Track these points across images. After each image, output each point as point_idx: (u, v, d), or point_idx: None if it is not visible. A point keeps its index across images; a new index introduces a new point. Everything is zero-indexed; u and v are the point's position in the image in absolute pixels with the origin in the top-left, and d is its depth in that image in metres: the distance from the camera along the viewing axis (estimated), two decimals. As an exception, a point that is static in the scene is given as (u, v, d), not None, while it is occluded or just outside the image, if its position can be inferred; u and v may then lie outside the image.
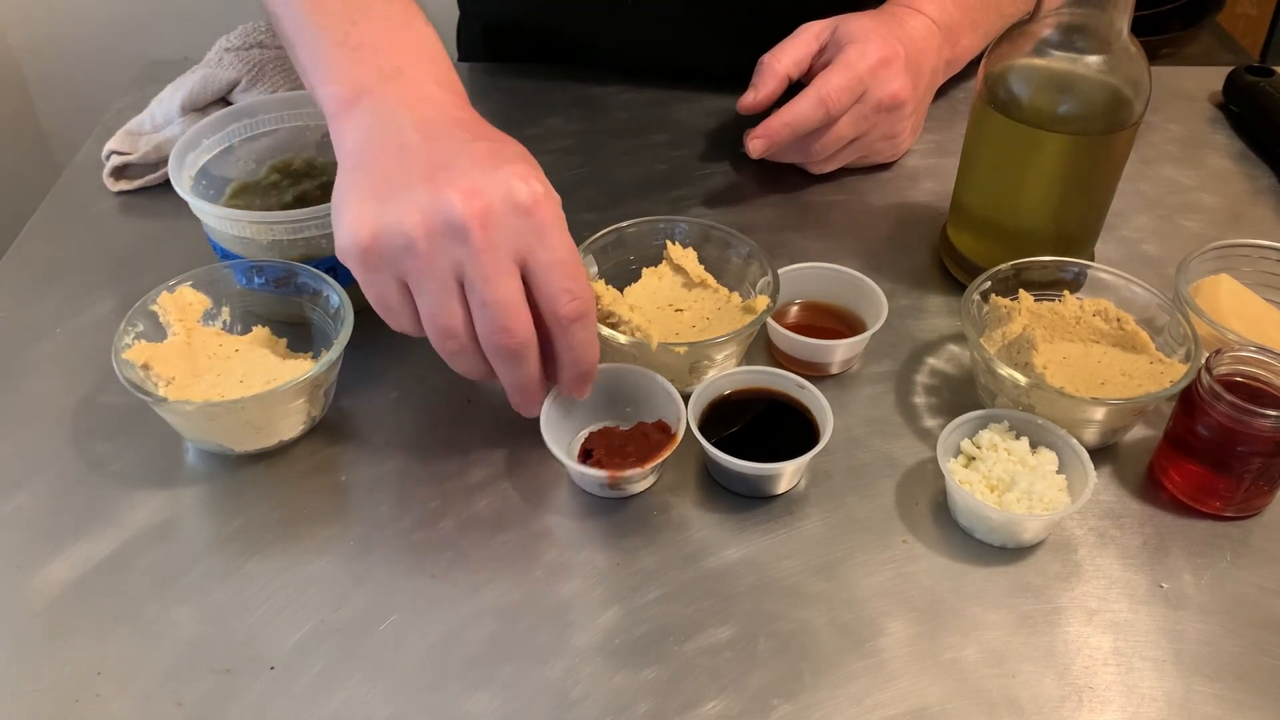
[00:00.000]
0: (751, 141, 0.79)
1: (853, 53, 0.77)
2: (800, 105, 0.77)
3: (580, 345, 0.57)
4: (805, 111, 0.77)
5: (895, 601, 0.57)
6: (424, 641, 0.55)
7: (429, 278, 0.54)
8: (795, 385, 0.63)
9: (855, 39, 0.78)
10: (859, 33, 0.78)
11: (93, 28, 1.48)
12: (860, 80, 0.77)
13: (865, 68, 0.77)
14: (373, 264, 0.54)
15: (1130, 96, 0.66)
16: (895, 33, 0.79)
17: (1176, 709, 0.52)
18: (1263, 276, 0.71)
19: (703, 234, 0.71)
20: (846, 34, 0.79)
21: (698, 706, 0.52)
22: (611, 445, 0.60)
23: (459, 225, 0.52)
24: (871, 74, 0.77)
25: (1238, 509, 0.61)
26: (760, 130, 0.78)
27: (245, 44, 0.86)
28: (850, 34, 0.78)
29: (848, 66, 0.77)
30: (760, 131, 0.78)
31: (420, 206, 0.53)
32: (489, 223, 0.53)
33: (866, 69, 0.77)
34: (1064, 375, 0.64)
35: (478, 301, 0.54)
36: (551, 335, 0.56)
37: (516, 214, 0.53)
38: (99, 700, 0.52)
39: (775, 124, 0.78)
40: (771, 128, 0.78)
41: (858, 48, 0.77)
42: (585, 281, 0.56)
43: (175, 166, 0.70)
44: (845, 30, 0.79)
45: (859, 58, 0.77)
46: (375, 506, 0.61)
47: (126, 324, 0.63)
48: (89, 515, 0.60)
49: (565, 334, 0.56)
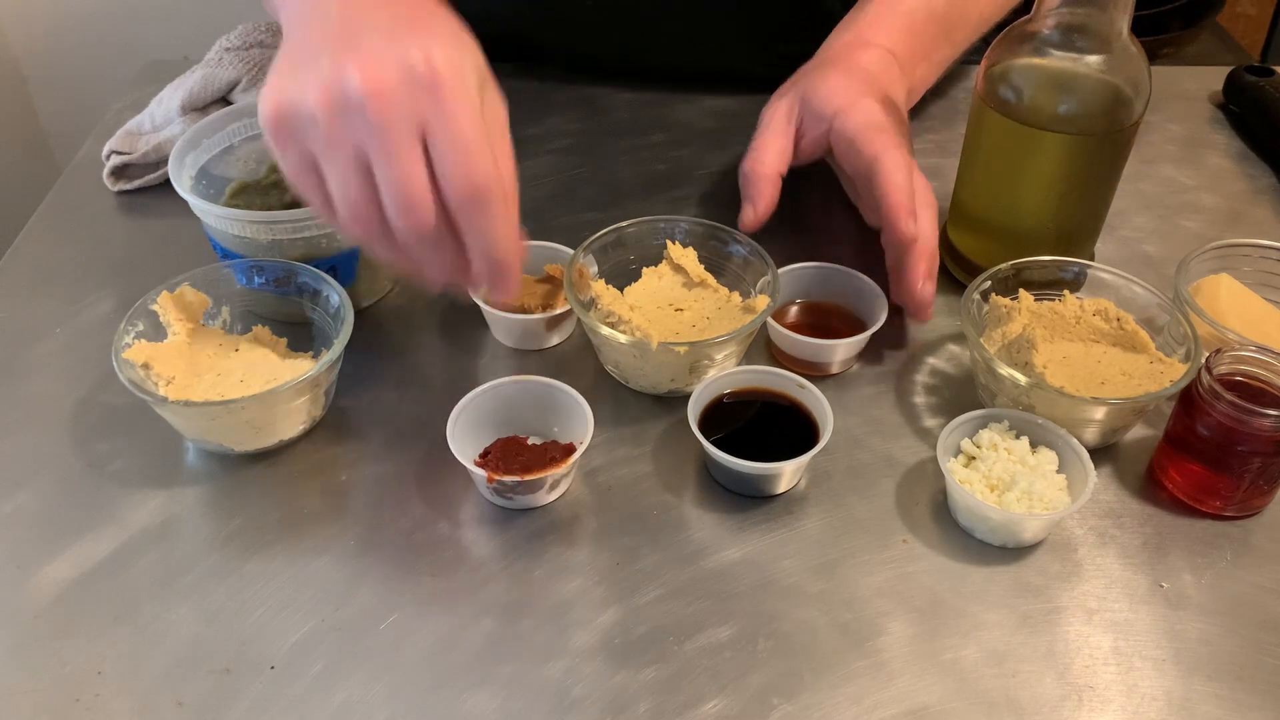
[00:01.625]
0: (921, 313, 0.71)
1: (880, 165, 0.69)
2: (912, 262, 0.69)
3: (480, 232, 0.52)
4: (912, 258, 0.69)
5: (895, 601, 0.57)
6: (424, 641, 0.55)
7: (332, 154, 0.51)
8: (795, 385, 0.63)
9: (835, 109, 0.71)
10: (829, 98, 0.72)
11: (93, 28, 1.48)
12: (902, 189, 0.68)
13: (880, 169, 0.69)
14: (282, 138, 0.52)
15: (1130, 96, 0.66)
16: (862, 84, 0.73)
17: (1176, 708, 0.52)
18: (1263, 276, 0.71)
19: (703, 234, 0.71)
20: (820, 103, 0.72)
21: (698, 706, 0.52)
22: (509, 453, 0.60)
23: (355, 99, 0.49)
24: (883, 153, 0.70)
25: (1238, 509, 0.61)
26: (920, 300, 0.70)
27: (245, 44, 0.86)
28: (822, 102, 0.72)
29: (888, 186, 0.68)
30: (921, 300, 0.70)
31: (322, 79, 0.50)
32: (384, 96, 0.49)
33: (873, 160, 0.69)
34: (1064, 375, 0.64)
35: (381, 180, 0.51)
36: (455, 221, 0.52)
37: (414, 86, 0.50)
38: (99, 700, 0.52)
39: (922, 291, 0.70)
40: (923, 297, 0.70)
41: (856, 138, 0.70)
42: (487, 161, 0.51)
43: (175, 166, 0.70)
44: (815, 99, 0.73)
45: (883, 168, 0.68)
46: (375, 506, 0.61)
47: (126, 324, 0.63)
48: (89, 515, 0.60)
49: (463, 219, 0.52)
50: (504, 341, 0.71)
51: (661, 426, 0.66)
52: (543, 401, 0.63)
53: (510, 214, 0.53)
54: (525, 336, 0.70)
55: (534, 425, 0.63)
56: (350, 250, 0.69)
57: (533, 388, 0.63)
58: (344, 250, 0.69)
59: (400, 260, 0.54)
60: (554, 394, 0.63)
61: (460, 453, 0.59)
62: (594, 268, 0.70)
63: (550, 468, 0.59)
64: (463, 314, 0.72)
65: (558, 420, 0.63)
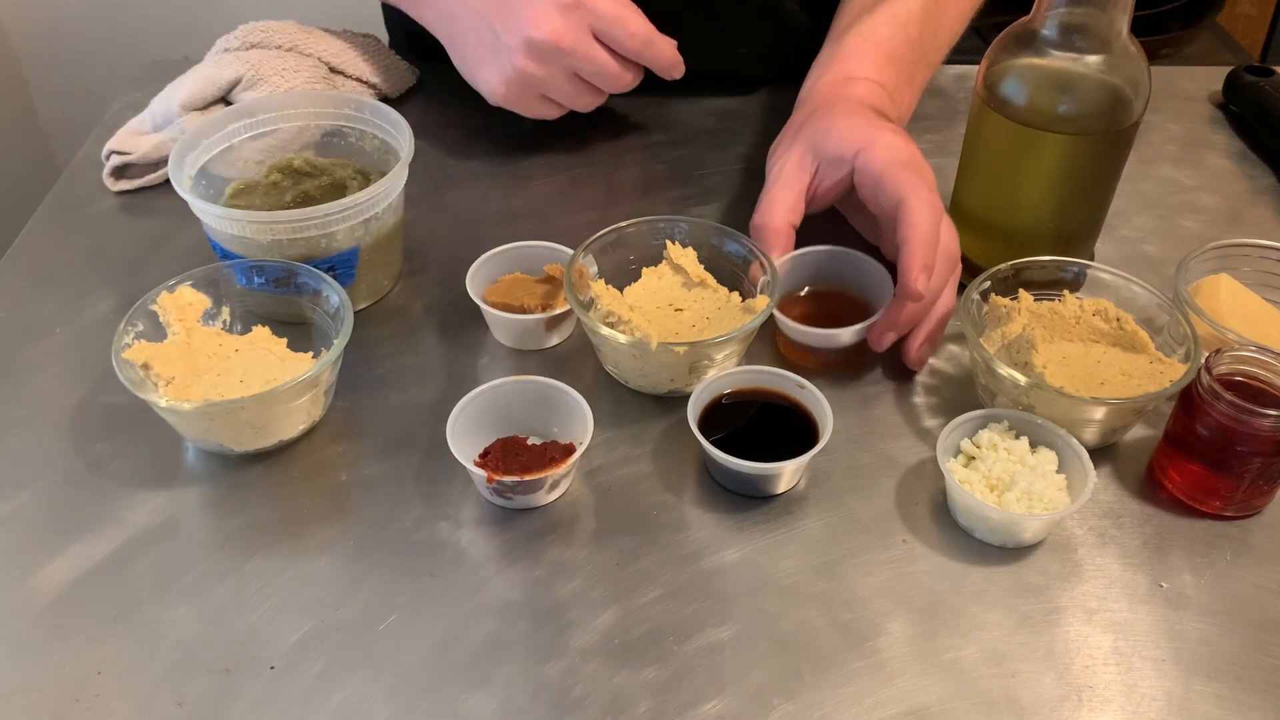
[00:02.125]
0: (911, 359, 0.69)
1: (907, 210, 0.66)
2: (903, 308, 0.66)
3: (651, 58, 0.82)
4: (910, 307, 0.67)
5: (895, 601, 0.57)
6: (424, 641, 0.55)
7: (555, 85, 0.81)
8: (795, 385, 0.63)
9: (855, 149, 0.69)
10: (846, 139, 0.69)
11: (93, 28, 1.48)
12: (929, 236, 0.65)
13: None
14: (518, 100, 0.82)
15: (1130, 96, 0.66)
16: (871, 119, 0.71)
17: (1176, 708, 0.52)
18: (1263, 276, 0.71)
19: (703, 234, 0.71)
20: (836, 146, 0.70)
21: (698, 706, 0.52)
22: (509, 453, 0.60)
23: (549, 46, 0.77)
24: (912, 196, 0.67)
25: (1238, 509, 0.61)
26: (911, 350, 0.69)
27: (245, 44, 0.86)
28: (839, 144, 0.70)
29: (913, 239, 0.64)
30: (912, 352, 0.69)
31: (517, 46, 0.78)
32: (559, 33, 0.77)
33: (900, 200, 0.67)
34: (1064, 375, 0.64)
35: (591, 77, 0.81)
36: (638, 56, 0.81)
37: (568, 13, 0.77)
38: (99, 700, 0.52)
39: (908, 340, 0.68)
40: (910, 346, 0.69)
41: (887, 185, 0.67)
42: (639, 22, 0.80)
43: (175, 166, 0.70)
44: (829, 143, 0.70)
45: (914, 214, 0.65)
46: (375, 506, 0.61)
47: (126, 324, 0.63)
48: (89, 515, 0.60)
49: (638, 58, 0.81)
50: (504, 342, 0.71)
51: (661, 426, 0.66)
52: (543, 401, 0.63)
53: (650, 30, 0.81)
54: (525, 337, 0.70)
55: (534, 425, 0.63)
56: (350, 250, 0.69)
57: (533, 388, 0.63)
58: (344, 250, 0.69)
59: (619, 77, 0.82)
60: (554, 394, 0.63)
61: (460, 453, 0.59)
62: (594, 268, 0.70)
63: (550, 468, 0.59)
64: (463, 314, 0.72)
65: (557, 420, 0.63)
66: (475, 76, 0.82)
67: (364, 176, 0.77)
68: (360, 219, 0.69)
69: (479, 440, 0.62)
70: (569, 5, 0.77)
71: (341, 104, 0.76)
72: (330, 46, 0.88)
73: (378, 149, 0.76)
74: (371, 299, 0.74)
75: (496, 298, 0.71)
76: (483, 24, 0.79)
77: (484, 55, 0.80)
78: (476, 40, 0.80)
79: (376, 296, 0.74)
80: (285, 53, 0.85)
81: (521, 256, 0.73)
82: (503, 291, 0.71)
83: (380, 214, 0.70)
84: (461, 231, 0.80)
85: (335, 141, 0.77)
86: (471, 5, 0.80)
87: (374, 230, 0.70)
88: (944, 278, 0.67)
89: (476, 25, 0.80)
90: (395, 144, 0.74)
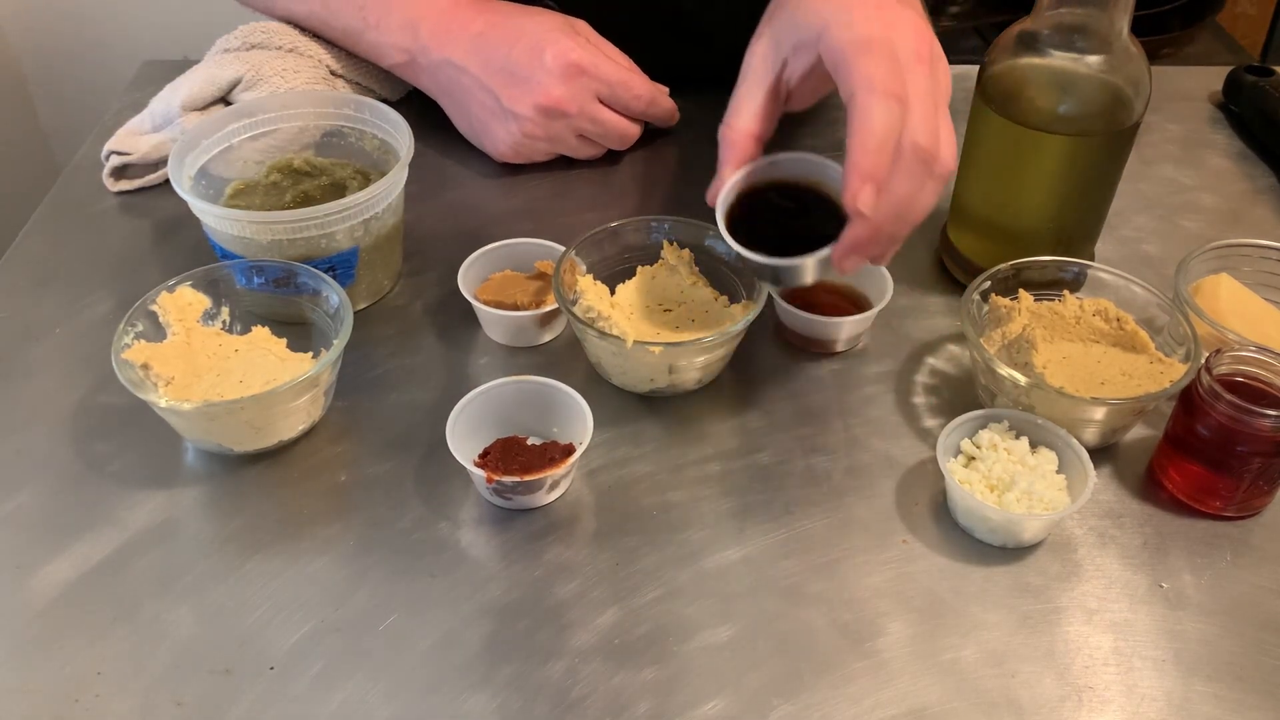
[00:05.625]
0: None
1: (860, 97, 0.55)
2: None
3: (657, 116, 0.86)
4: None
5: (895, 601, 0.57)
6: (424, 641, 0.55)
7: (563, 143, 0.83)
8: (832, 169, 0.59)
9: (821, 26, 0.58)
10: (814, 13, 0.59)
11: (93, 28, 1.48)
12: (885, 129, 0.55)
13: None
14: (528, 158, 0.85)
15: (1130, 96, 0.66)
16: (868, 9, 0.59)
17: (1176, 709, 0.52)
18: (1263, 276, 0.71)
19: (696, 234, 0.71)
20: (802, 24, 0.59)
21: (698, 706, 0.52)
22: (508, 453, 0.60)
23: (555, 110, 0.80)
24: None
25: (1238, 509, 0.61)
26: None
27: (245, 44, 0.86)
28: (806, 20, 0.59)
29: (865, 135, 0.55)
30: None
31: (527, 112, 0.80)
32: (564, 100, 0.79)
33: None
34: (1064, 375, 0.64)
35: (598, 137, 0.84)
36: (642, 115, 0.85)
37: (573, 79, 0.79)
38: (99, 700, 0.52)
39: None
40: None
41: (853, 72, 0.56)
42: (641, 83, 0.83)
43: (175, 166, 0.70)
44: (797, 21, 0.60)
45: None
46: (375, 506, 0.61)
47: (126, 324, 0.63)
48: (89, 515, 0.60)
49: (645, 116, 0.85)
50: (496, 339, 0.71)
51: (661, 426, 0.66)
52: (542, 402, 0.63)
53: (652, 90, 0.84)
54: (517, 333, 0.70)
55: (533, 425, 0.63)
56: (350, 250, 0.69)
57: (532, 388, 0.63)
58: (344, 250, 0.69)
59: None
60: (553, 394, 0.63)
61: (460, 453, 0.59)
62: (584, 265, 0.70)
63: (550, 468, 0.59)
64: (463, 314, 0.72)
65: (557, 420, 0.63)
66: (481, 139, 0.85)
67: (364, 176, 0.77)
68: (360, 219, 0.69)
69: (479, 440, 0.62)
70: (574, 73, 0.78)
71: (341, 104, 0.76)
72: (330, 49, 0.88)
73: (377, 149, 0.76)
74: (371, 299, 0.74)
75: (488, 295, 0.71)
76: (487, 94, 0.81)
77: (489, 121, 0.82)
78: (480, 108, 0.82)
79: (376, 296, 0.74)
80: (286, 54, 0.85)
81: (513, 253, 0.74)
82: (494, 289, 0.71)
83: (380, 214, 0.70)
84: (461, 231, 0.80)
85: (335, 141, 0.77)
86: (473, 75, 0.80)
87: (374, 230, 0.70)
88: (911, 185, 0.56)
89: (480, 95, 0.81)
90: (395, 144, 0.74)
